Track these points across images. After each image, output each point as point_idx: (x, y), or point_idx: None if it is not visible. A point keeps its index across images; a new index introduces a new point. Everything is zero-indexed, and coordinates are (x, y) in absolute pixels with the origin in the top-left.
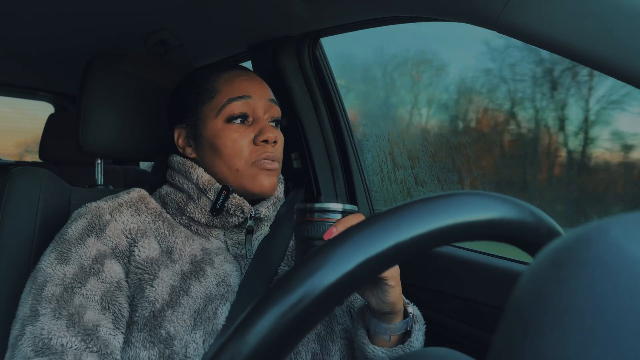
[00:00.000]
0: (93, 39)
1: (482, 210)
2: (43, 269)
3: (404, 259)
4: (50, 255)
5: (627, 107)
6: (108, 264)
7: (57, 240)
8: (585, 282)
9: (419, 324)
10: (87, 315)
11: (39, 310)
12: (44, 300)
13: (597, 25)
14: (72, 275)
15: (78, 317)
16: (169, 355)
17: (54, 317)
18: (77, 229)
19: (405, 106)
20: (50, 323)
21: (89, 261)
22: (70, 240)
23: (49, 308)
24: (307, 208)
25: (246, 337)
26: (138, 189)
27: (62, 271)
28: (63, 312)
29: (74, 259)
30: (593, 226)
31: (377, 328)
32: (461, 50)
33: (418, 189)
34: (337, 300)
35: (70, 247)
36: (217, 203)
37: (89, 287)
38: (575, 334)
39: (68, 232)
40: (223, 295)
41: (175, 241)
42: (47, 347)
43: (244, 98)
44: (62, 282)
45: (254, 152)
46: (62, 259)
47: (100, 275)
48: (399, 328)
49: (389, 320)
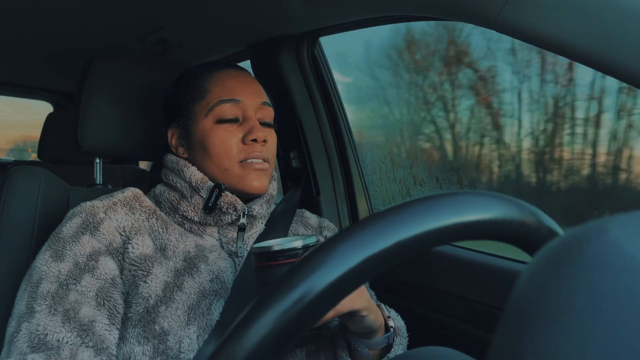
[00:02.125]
0: (92, 37)
1: (482, 209)
2: (38, 266)
3: (403, 258)
4: (45, 254)
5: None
6: (102, 261)
7: (52, 238)
8: (585, 281)
9: (400, 338)
10: (82, 311)
11: (35, 307)
12: (40, 297)
13: (597, 25)
14: (67, 272)
15: (73, 312)
16: (163, 350)
17: (50, 313)
18: (72, 228)
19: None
20: (46, 319)
21: (84, 258)
22: (65, 238)
23: (44, 305)
24: (265, 252)
25: (243, 338)
26: (133, 188)
27: (57, 268)
28: (58, 308)
29: (68, 256)
30: (592, 225)
31: (356, 343)
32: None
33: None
34: (335, 300)
35: (65, 245)
36: (210, 201)
37: (84, 284)
38: (575, 333)
39: (63, 231)
40: (217, 292)
41: (169, 238)
42: (43, 343)
43: (234, 101)
44: (57, 279)
45: (242, 151)
46: (57, 256)
47: (95, 272)
48: (380, 343)
49: (369, 337)
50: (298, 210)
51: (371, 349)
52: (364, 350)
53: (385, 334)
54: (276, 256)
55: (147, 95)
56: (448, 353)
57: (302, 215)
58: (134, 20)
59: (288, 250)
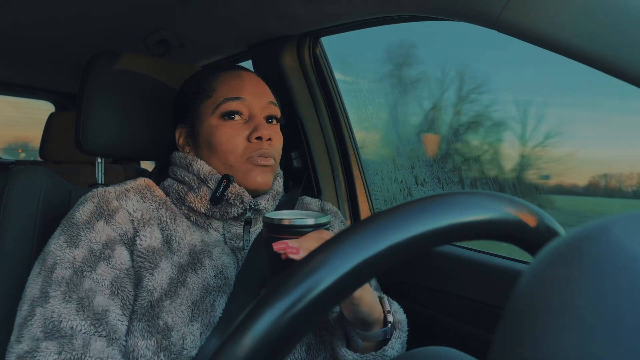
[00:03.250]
0: (94, 37)
1: (483, 209)
2: (52, 251)
3: (404, 257)
4: (59, 239)
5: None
6: (118, 250)
7: (65, 223)
8: (586, 281)
9: (398, 332)
10: (96, 299)
11: (49, 292)
12: (54, 283)
13: (597, 25)
14: (81, 259)
15: (88, 301)
16: (166, 346)
17: (64, 300)
18: (85, 213)
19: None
20: (61, 306)
21: (99, 246)
22: (79, 224)
23: (59, 291)
24: (274, 224)
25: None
26: (145, 177)
27: (71, 254)
28: (73, 296)
29: (83, 242)
30: (593, 225)
31: (352, 333)
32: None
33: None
34: (337, 299)
35: (80, 231)
36: (217, 192)
37: (99, 272)
38: (576, 333)
39: (76, 216)
40: (220, 288)
41: (176, 229)
42: (57, 330)
43: (240, 99)
44: (72, 265)
45: (248, 149)
46: (71, 242)
47: (110, 261)
48: (376, 336)
49: (365, 328)
50: (298, 199)
51: (366, 341)
52: (357, 340)
53: (383, 327)
54: (284, 229)
55: (148, 95)
56: (448, 353)
57: (302, 202)
58: (135, 20)
59: (297, 226)
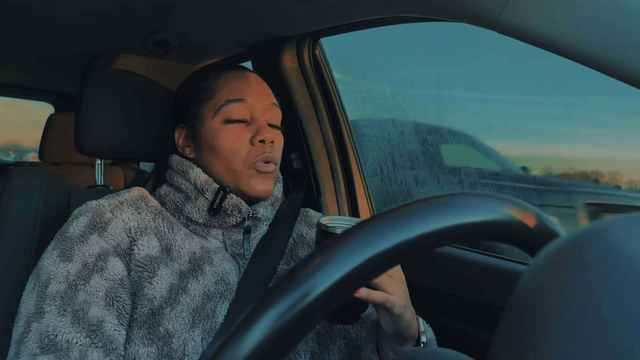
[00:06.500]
0: (93, 38)
1: (483, 210)
2: (46, 266)
3: (405, 259)
4: (52, 253)
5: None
6: (111, 262)
7: (59, 237)
8: (586, 282)
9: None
10: (91, 311)
11: (44, 308)
12: (49, 298)
13: (597, 26)
14: (75, 273)
15: (82, 313)
16: (167, 352)
17: (59, 314)
18: (79, 227)
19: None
20: (56, 320)
21: (92, 259)
22: (72, 238)
23: (53, 305)
24: (326, 232)
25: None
26: (139, 187)
27: (65, 269)
28: (67, 309)
29: (77, 256)
30: (594, 226)
31: (384, 344)
32: None
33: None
34: (337, 300)
35: (73, 245)
36: (215, 203)
37: (93, 284)
38: (576, 334)
39: (70, 230)
40: (222, 294)
41: (174, 238)
42: (53, 344)
43: (242, 100)
44: (65, 280)
45: (251, 152)
46: (64, 256)
47: (103, 273)
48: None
49: (400, 343)
50: (302, 210)
51: (397, 355)
52: (389, 353)
53: (416, 346)
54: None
55: (148, 96)
56: (448, 354)
57: (306, 215)
58: (134, 21)
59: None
